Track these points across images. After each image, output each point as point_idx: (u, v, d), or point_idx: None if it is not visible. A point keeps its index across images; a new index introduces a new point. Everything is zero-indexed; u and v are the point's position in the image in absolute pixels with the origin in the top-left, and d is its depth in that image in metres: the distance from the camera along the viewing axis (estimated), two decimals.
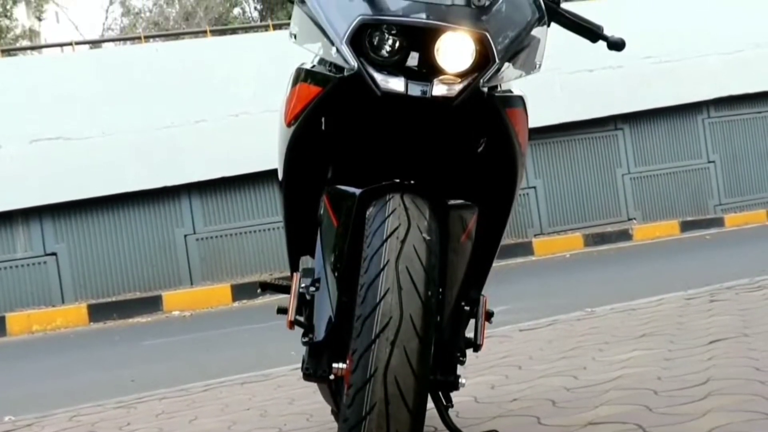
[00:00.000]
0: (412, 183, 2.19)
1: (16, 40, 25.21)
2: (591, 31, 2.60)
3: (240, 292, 11.33)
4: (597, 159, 14.45)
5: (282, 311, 2.45)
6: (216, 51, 12.72)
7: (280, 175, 2.51)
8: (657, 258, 10.84)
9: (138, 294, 11.80)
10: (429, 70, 2.16)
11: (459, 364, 2.34)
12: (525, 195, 13.70)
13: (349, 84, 2.17)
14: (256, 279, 11.80)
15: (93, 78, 11.93)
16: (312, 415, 3.65)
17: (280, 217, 2.65)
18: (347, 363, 2.07)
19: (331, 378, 2.23)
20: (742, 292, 5.40)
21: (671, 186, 14.83)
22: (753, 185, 15.42)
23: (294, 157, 2.42)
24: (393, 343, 1.93)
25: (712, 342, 3.88)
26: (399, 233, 2.04)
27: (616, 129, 14.60)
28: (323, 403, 3.26)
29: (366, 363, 1.94)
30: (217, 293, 11.46)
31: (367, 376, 1.93)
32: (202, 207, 12.44)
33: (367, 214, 2.14)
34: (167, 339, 8.63)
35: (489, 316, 2.52)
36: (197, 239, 12.37)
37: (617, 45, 2.59)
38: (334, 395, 2.66)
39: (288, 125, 2.38)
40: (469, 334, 2.44)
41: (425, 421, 2.05)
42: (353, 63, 2.13)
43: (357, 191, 2.20)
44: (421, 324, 1.96)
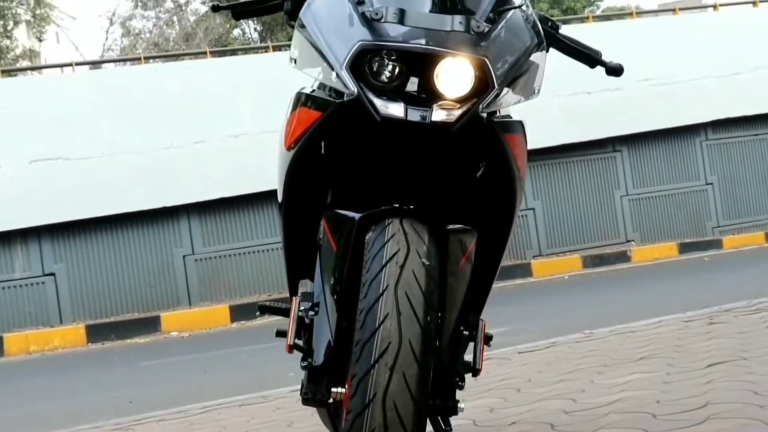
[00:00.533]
0: (411, 208, 2.20)
1: (16, 60, 25.27)
2: (590, 57, 2.62)
3: (238, 312, 11.31)
4: (595, 181, 14.47)
5: (281, 334, 2.46)
6: (216, 72, 12.75)
7: (279, 198, 2.52)
8: (655, 280, 10.84)
9: (136, 314, 11.78)
10: (428, 95, 2.17)
11: (458, 389, 2.34)
12: (524, 216, 13.71)
13: (349, 109, 2.18)
14: (254, 300, 11.78)
15: (93, 98, 11.95)
16: None
17: (279, 238, 2.66)
18: (346, 388, 2.08)
19: (330, 402, 2.23)
20: (740, 314, 5.40)
21: (669, 208, 14.85)
22: (751, 207, 15.43)
23: (294, 181, 2.43)
24: (392, 369, 1.93)
25: (710, 365, 3.88)
26: (398, 258, 2.05)
27: (614, 151, 14.63)
28: (322, 426, 3.25)
29: (365, 388, 1.94)
30: (216, 314, 11.45)
31: (366, 401, 1.93)
32: (200, 227, 12.44)
33: (367, 238, 2.15)
34: (165, 360, 8.62)
35: (488, 339, 2.52)
36: (196, 260, 12.37)
37: (616, 70, 2.61)
38: (333, 420, 2.66)
39: (288, 149, 2.39)
40: (468, 357, 2.44)
41: None
42: (353, 88, 2.14)
43: (356, 216, 2.20)
44: (420, 349, 1.97)
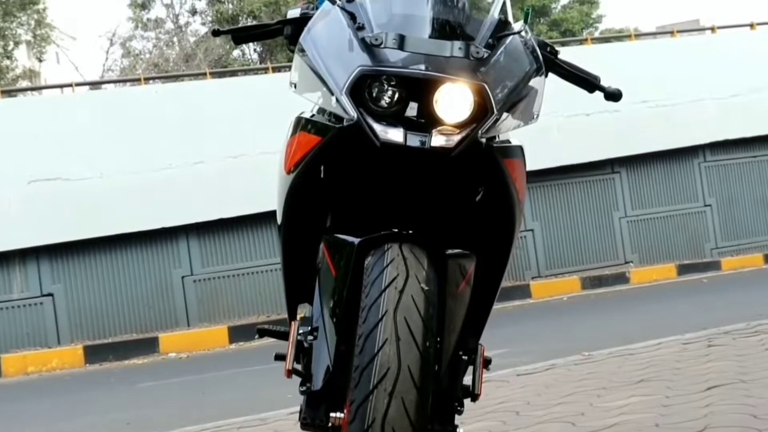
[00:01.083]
0: (410, 233, 2.20)
1: (16, 80, 25.32)
2: (588, 82, 2.64)
3: (237, 334, 11.29)
4: (594, 202, 14.48)
5: (280, 358, 2.46)
6: (215, 93, 12.78)
7: (279, 220, 2.53)
8: (654, 301, 10.83)
9: (134, 335, 11.75)
10: (428, 120, 2.18)
11: (457, 413, 2.34)
12: (523, 237, 13.71)
13: (349, 134, 2.19)
14: (253, 321, 11.77)
15: (92, 119, 11.97)
16: None
17: (277, 260, 2.66)
18: (345, 413, 2.08)
19: (329, 427, 2.22)
20: (739, 337, 5.40)
21: (668, 229, 14.85)
22: (749, 229, 15.44)
23: (293, 205, 2.44)
24: (391, 394, 1.93)
25: (709, 388, 3.88)
26: (397, 283, 2.05)
27: (613, 172, 14.65)
28: None
29: (364, 413, 1.94)
30: (214, 335, 11.42)
31: (365, 426, 1.93)
32: (199, 248, 12.43)
33: (366, 263, 2.15)
34: (163, 381, 8.59)
35: (487, 363, 2.52)
36: (194, 280, 12.35)
37: (614, 96, 2.63)
38: None
39: (288, 172, 2.40)
40: (467, 380, 2.44)
41: None
42: (353, 113, 2.15)
43: (355, 240, 2.21)
44: (419, 375, 1.97)
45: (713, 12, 59.56)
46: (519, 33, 2.37)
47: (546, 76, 2.49)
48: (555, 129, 12.97)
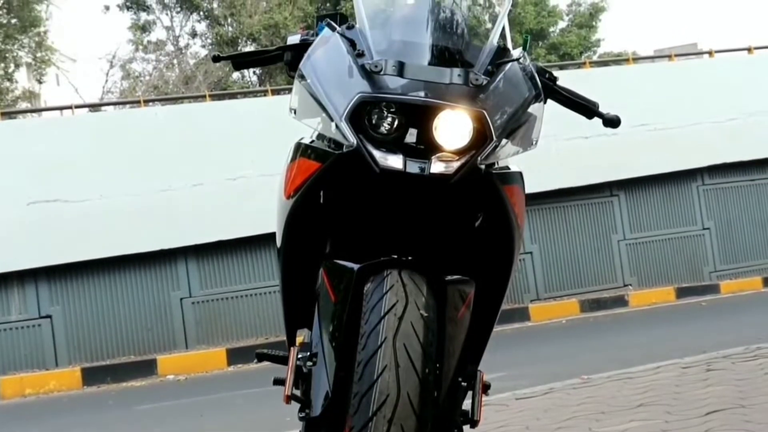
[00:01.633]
0: (409, 259, 2.21)
1: (15, 101, 25.38)
2: (587, 108, 2.65)
3: (235, 356, 11.26)
4: (593, 225, 14.49)
5: (279, 382, 2.46)
6: (215, 115, 12.81)
7: (278, 243, 2.53)
8: (653, 324, 10.83)
9: (133, 357, 11.73)
10: (427, 146, 2.19)
11: None
12: (521, 260, 13.70)
13: (349, 160, 2.20)
14: (252, 343, 11.75)
15: (91, 141, 11.98)
16: None
17: (276, 282, 2.67)
18: None
19: None
20: (738, 361, 5.40)
21: (667, 252, 14.85)
22: (748, 252, 15.44)
23: (293, 230, 2.44)
24: (390, 421, 1.93)
25: (708, 413, 3.87)
26: (397, 310, 2.05)
27: (611, 195, 14.67)
28: None
29: None
30: (213, 357, 11.40)
31: None
32: (198, 270, 12.42)
33: (365, 289, 2.15)
34: (161, 404, 8.57)
35: (486, 388, 2.52)
36: (193, 302, 12.33)
37: (613, 122, 2.64)
38: None
39: (287, 198, 2.41)
40: (467, 404, 2.43)
41: None
42: (352, 140, 2.16)
43: (355, 266, 2.21)
44: (419, 402, 1.97)
45: (711, 36, 59.86)
46: (518, 60, 2.38)
47: (545, 102, 2.50)
48: (554, 152, 12.99)
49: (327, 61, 2.35)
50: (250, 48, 25.57)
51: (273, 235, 2.61)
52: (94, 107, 16.10)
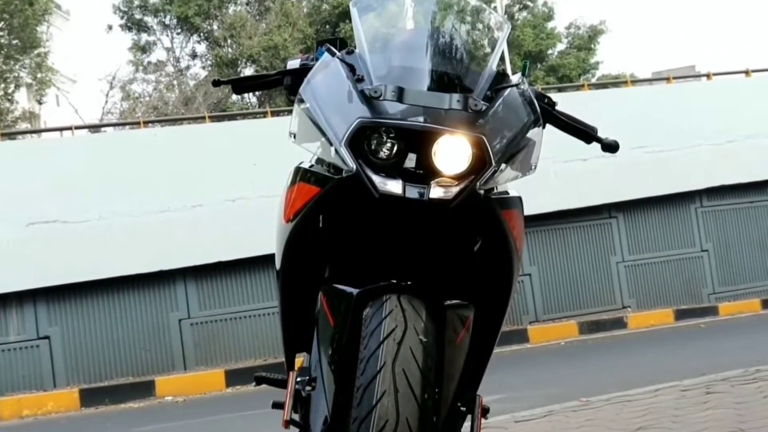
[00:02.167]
0: (408, 284, 2.21)
1: (15, 122, 25.43)
2: (585, 133, 2.66)
3: (234, 377, 11.23)
4: (591, 247, 14.50)
5: (277, 406, 2.46)
6: (214, 136, 12.83)
7: (277, 266, 2.53)
8: (652, 346, 10.81)
9: (131, 379, 11.70)
10: (426, 171, 2.20)
11: None
12: (520, 282, 13.69)
13: (348, 185, 2.21)
14: (250, 364, 11.72)
15: (91, 162, 12.00)
16: None
17: (275, 303, 2.68)
18: None
19: None
20: (737, 384, 5.39)
21: (665, 274, 14.85)
22: (746, 274, 15.44)
23: (292, 254, 2.44)
24: None
25: None
26: (396, 335, 2.05)
27: (610, 217, 14.68)
28: None
29: None
30: (211, 378, 11.37)
31: None
32: (197, 291, 12.41)
33: (364, 314, 2.15)
34: (159, 425, 8.54)
35: (485, 412, 2.52)
36: (192, 324, 12.31)
37: (611, 147, 2.65)
38: None
39: (287, 222, 2.42)
40: (466, 426, 2.43)
41: None
42: (352, 165, 2.17)
43: (354, 291, 2.21)
44: (418, 427, 1.97)
45: (709, 59, 60.07)
46: (517, 85, 2.40)
47: (543, 127, 2.51)
48: (552, 174, 13.01)
49: (327, 86, 2.36)
50: (249, 69, 25.69)
51: (272, 257, 2.61)
52: (93, 128, 16.14)
